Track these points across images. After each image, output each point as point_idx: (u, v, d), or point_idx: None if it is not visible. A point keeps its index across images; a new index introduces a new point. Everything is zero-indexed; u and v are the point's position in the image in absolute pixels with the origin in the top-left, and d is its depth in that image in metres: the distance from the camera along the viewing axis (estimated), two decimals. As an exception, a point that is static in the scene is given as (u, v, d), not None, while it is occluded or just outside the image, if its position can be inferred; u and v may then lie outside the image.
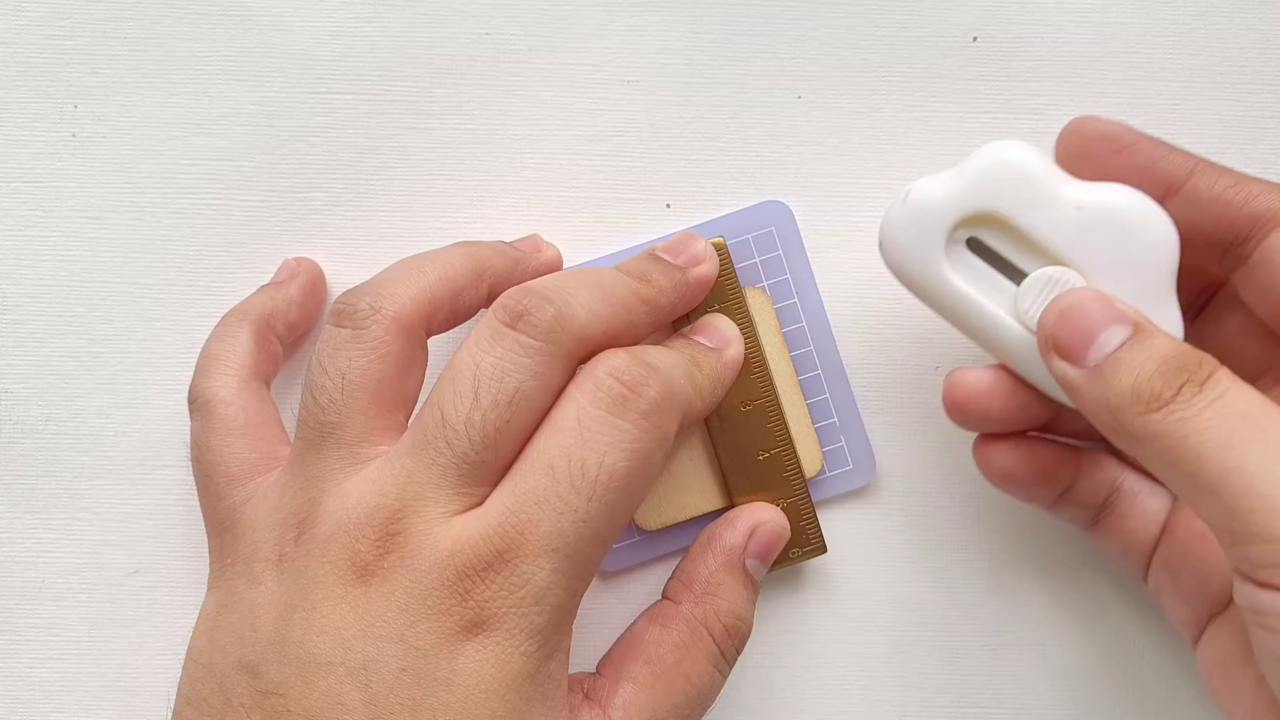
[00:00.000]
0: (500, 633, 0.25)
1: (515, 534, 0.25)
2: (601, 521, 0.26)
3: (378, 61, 0.34)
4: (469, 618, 0.25)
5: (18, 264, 0.34)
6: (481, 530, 0.25)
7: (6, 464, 0.34)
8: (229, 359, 0.31)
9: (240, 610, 0.27)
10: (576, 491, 0.25)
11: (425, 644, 0.25)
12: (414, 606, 0.25)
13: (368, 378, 0.27)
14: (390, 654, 0.25)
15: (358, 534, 0.25)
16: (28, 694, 0.34)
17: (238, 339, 0.31)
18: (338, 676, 0.25)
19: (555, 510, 0.25)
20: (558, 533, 0.25)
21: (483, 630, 0.25)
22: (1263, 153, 0.34)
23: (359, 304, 0.27)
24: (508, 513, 0.25)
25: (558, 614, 0.26)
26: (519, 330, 0.26)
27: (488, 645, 0.25)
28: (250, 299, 0.32)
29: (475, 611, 0.25)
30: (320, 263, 0.34)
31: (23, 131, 0.34)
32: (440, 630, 0.25)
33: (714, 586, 0.30)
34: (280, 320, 0.32)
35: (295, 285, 0.33)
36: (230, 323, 0.31)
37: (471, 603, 0.25)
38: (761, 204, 0.33)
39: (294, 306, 0.32)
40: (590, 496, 0.25)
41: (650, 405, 0.26)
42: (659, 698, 0.28)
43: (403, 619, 0.25)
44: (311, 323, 0.33)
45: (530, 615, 0.25)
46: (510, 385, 0.26)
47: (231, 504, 0.28)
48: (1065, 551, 0.34)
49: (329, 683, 0.25)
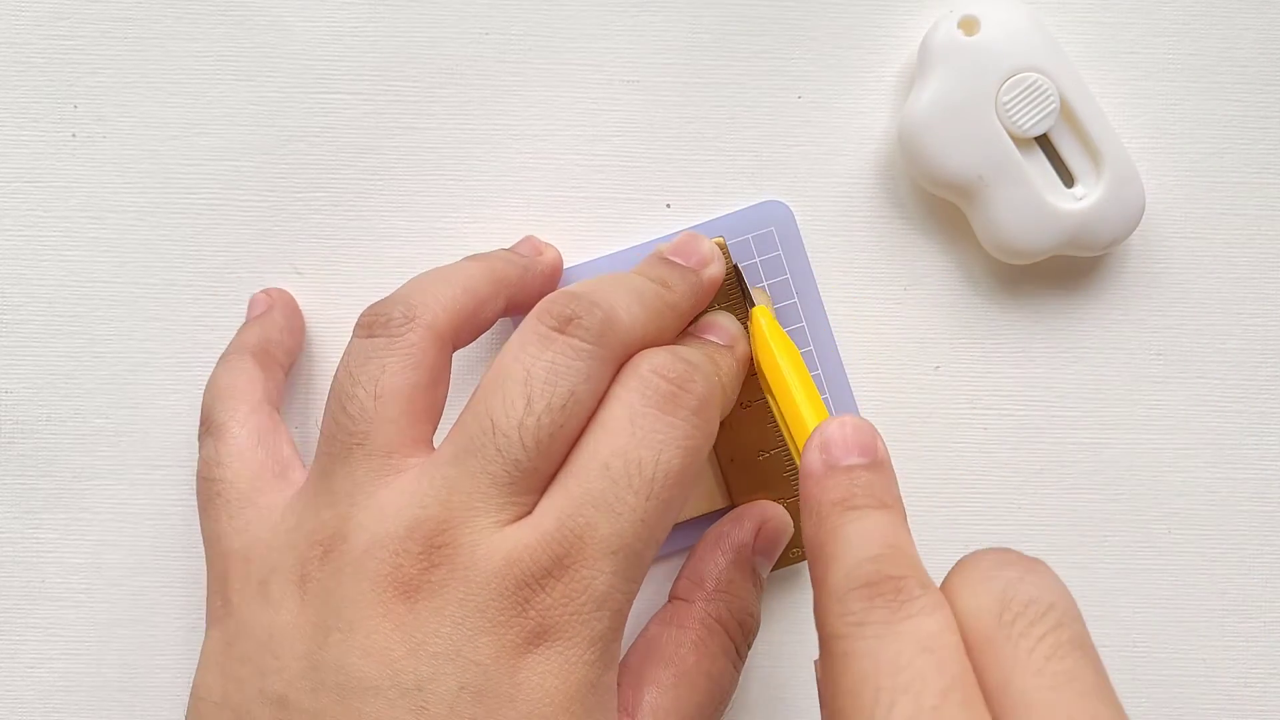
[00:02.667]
0: (563, 642, 0.24)
1: (574, 538, 0.24)
2: (657, 520, 0.25)
3: (378, 61, 0.34)
4: (530, 628, 0.24)
5: (18, 264, 0.34)
6: (538, 537, 0.24)
7: (6, 464, 0.34)
8: (239, 386, 0.30)
9: (256, 638, 0.25)
10: (634, 491, 0.25)
11: (485, 659, 0.24)
12: (470, 620, 0.24)
13: (402, 384, 0.26)
14: (446, 672, 0.24)
15: (399, 548, 0.24)
16: (28, 694, 0.34)
17: (244, 368, 0.31)
18: (387, 700, 0.24)
19: (614, 511, 0.25)
20: (617, 534, 0.25)
21: (545, 641, 0.24)
22: (1263, 153, 0.34)
23: (392, 313, 0.27)
24: (565, 516, 0.25)
25: (616, 619, 0.25)
26: (569, 334, 0.26)
27: (551, 656, 0.24)
28: (243, 334, 0.32)
29: (536, 622, 0.24)
30: (321, 263, 0.34)
31: (23, 131, 0.34)
32: (500, 643, 0.24)
33: (725, 584, 0.30)
34: (278, 347, 0.32)
35: (279, 313, 0.32)
36: (230, 358, 0.31)
37: (532, 613, 0.24)
38: (761, 204, 0.33)
39: (285, 333, 0.32)
40: (648, 495, 0.25)
41: (699, 401, 0.26)
42: (684, 699, 0.28)
43: (459, 634, 0.24)
44: (300, 347, 0.33)
45: (591, 622, 0.24)
46: (564, 389, 0.25)
47: (243, 522, 0.27)
48: (1065, 552, 0.34)
49: (377, 708, 0.24)
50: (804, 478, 0.24)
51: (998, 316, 0.34)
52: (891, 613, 0.21)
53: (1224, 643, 0.34)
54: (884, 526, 0.23)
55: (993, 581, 0.21)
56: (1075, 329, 0.34)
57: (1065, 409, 0.34)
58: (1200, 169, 0.34)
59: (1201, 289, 0.34)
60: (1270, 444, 0.34)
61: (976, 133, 0.31)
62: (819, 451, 0.24)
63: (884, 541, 0.22)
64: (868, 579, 0.21)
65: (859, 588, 0.21)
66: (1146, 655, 0.34)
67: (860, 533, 0.22)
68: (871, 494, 0.23)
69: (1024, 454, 0.34)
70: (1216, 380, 0.34)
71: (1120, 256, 0.34)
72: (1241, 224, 0.34)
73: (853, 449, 0.24)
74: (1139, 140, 0.34)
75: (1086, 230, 0.32)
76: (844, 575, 0.22)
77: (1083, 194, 0.32)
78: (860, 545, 0.22)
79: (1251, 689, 0.34)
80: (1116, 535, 0.34)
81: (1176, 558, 0.34)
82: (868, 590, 0.21)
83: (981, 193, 0.32)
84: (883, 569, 0.21)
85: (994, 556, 0.22)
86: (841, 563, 0.22)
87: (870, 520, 0.23)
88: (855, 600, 0.21)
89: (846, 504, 0.23)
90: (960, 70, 0.31)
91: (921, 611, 0.21)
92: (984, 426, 0.34)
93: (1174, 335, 0.34)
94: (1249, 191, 0.34)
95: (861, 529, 0.22)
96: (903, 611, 0.21)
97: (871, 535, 0.22)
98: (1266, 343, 0.34)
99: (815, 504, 0.23)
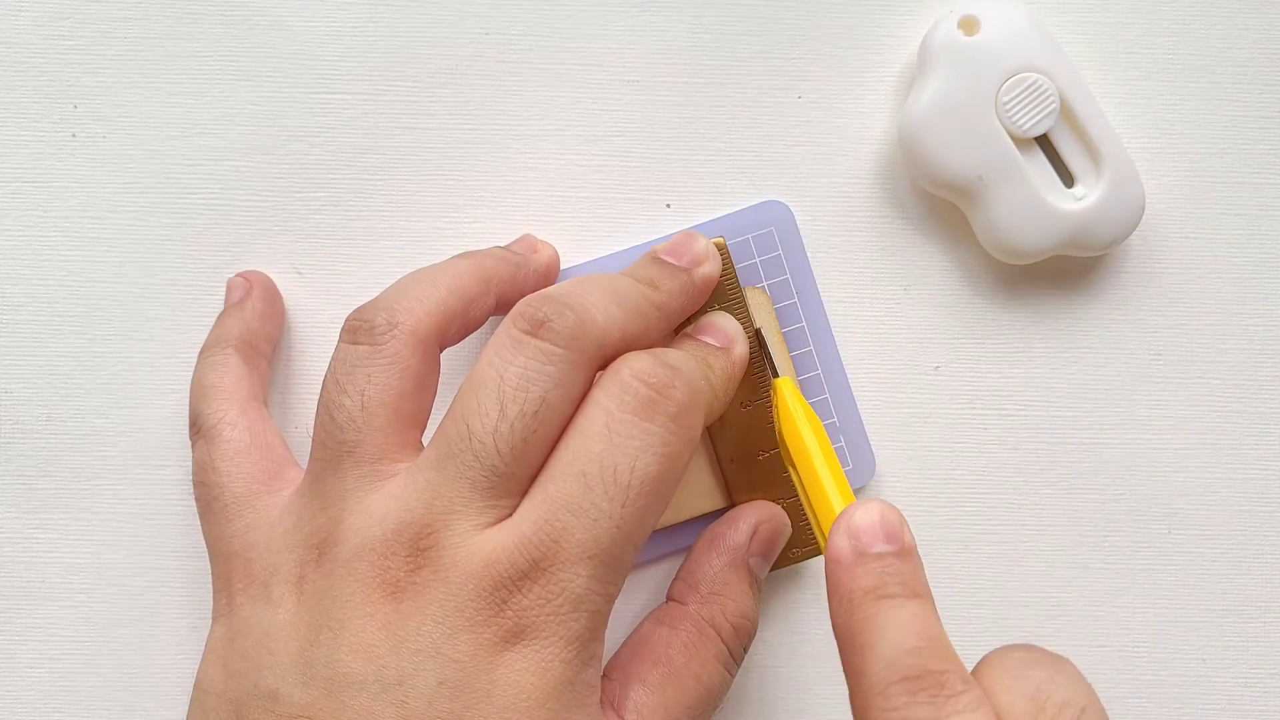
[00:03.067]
0: (539, 641, 0.25)
1: (550, 542, 0.25)
2: (634, 526, 0.25)
3: (378, 61, 0.34)
4: (507, 628, 0.25)
5: (18, 264, 0.34)
6: (516, 540, 0.25)
7: (6, 464, 0.34)
8: (224, 385, 0.30)
9: (256, 635, 0.26)
10: (609, 497, 0.25)
11: (463, 656, 0.24)
12: (450, 619, 0.25)
13: (387, 394, 0.27)
14: (426, 668, 0.24)
15: (386, 551, 0.25)
16: (28, 694, 0.34)
17: (228, 365, 0.31)
18: (370, 695, 0.24)
19: (589, 517, 0.25)
20: (592, 539, 0.25)
21: (521, 640, 0.25)
22: (1263, 153, 0.34)
23: (375, 319, 0.27)
24: (541, 521, 0.25)
25: (594, 620, 0.25)
26: (540, 337, 0.26)
27: (527, 654, 0.25)
28: (221, 325, 0.32)
29: (514, 621, 0.25)
30: (321, 263, 0.34)
31: (23, 131, 0.34)
32: (478, 642, 0.25)
33: (720, 586, 0.30)
34: (259, 336, 0.32)
35: (257, 299, 0.32)
36: (214, 352, 0.31)
37: (510, 613, 0.25)
38: (761, 204, 0.33)
39: (264, 320, 0.32)
40: (624, 502, 0.25)
41: (678, 407, 0.26)
42: (671, 699, 0.28)
43: (438, 632, 0.24)
44: (280, 331, 0.33)
45: (568, 623, 0.25)
46: (536, 395, 0.25)
47: (243, 525, 0.28)
48: (1065, 552, 0.34)
49: (361, 702, 0.24)
50: (831, 564, 0.24)
51: (998, 316, 0.34)
52: (936, 709, 0.21)
53: (1224, 643, 0.34)
54: (920, 617, 0.23)
55: (1024, 680, 0.22)
56: (1075, 329, 0.34)
57: (1065, 409, 0.34)
58: (1200, 169, 0.34)
59: (1201, 289, 0.34)
60: (1270, 444, 0.34)
61: (976, 133, 0.31)
62: (846, 538, 0.24)
63: (921, 632, 0.22)
64: (909, 672, 0.21)
65: (900, 681, 0.21)
66: (1146, 655, 0.34)
67: (896, 623, 0.22)
68: (903, 582, 0.23)
69: (1024, 454, 0.34)
70: (1216, 380, 0.34)
71: (1120, 256, 0.34)
72: (1241, 224, 0.34)
73: (880, 536, 0.24)
74: (1139, 140, 0.34)
75: (1086, 230, 0.32)
76: (884, 667, 0.22)
77: (1083, 194, 0.32)
78: (898, 636, 0.22)
79: (1251, 689, 0.34)
80: (1116, 535, 0.34)
81: (1176, 558, 0.34)
82: (910, 684, 0.21)
83: (981, 193, 0.32)
84: (924, 662, 0.22)
85: (1022, 654, 0.23)
86: (879, 653, 0.22)
87: (905, 610, 0.23)
88: (898, 694, 0.21)
89: (879, 592, 0.23)
90: (960, 70, 0.31)
91: (966, 709, 0.21)
92: (984, 426, 0.34)
93: (1174, 335, 0.34)
94: (1249, 191, 0.34)
95: (897, 619, 0.23)
96: (948, 708, 0.21)
97: (908, 625, 0.22)
98: (1266, 343, 0.34)
99: (846, 592, 0.23)
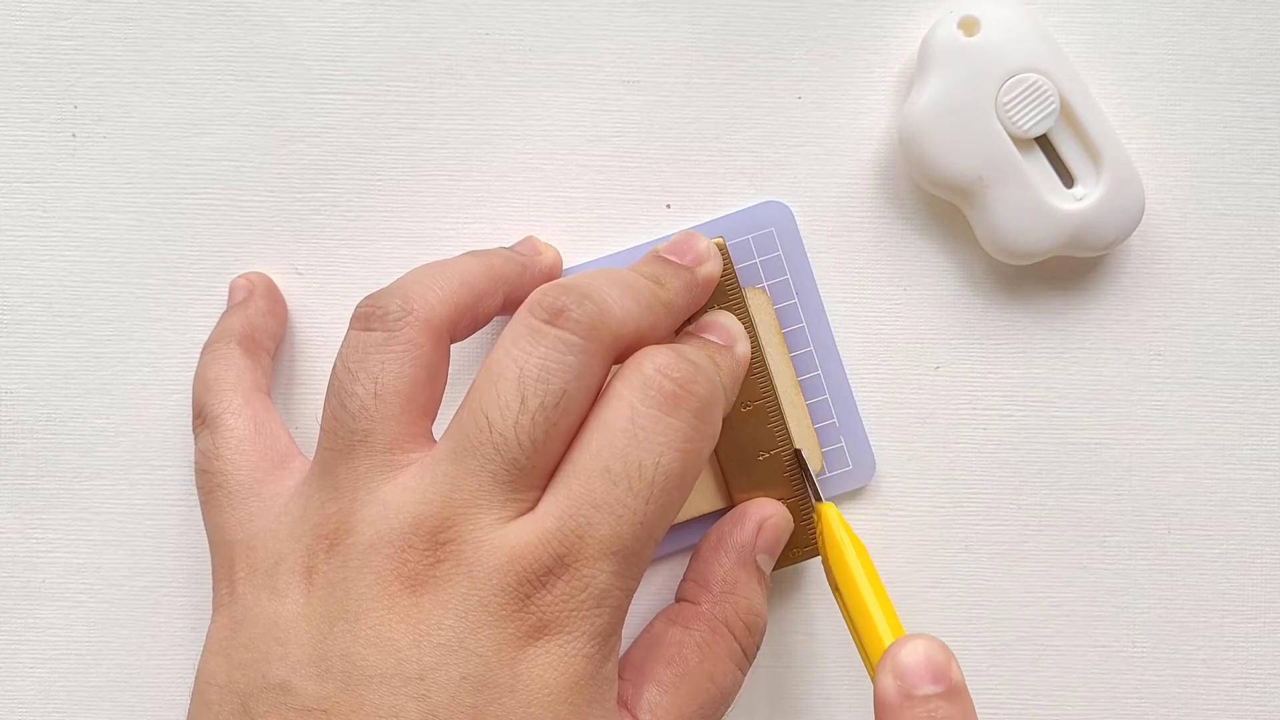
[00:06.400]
0: (563, 636, 0.25)
1: (574, 538, 0.25)
2: (656, 521, 0.25)
3: (378, 61, 0.34)
4: (531, 623, 0.25)
5: (18, 264, 0.34)
6: (540, 535, 0.25)
7: (6, 464, 0.34)
8: (228, 377, 0.30)
9: (261, 626, 0.26)
10: (634, 493, 0.25)
11: (486, 650, 0.24)
12: (474, 613, 0.24)
13: (401, 382, 0.26)
14: (449, 662, 0.24)
15: (403, 543, 0.25)
16: (28, 694, 0.34)
17: (231, 358, 0.31)
18: (391, 688, 0.24)
19: (613, 513, 0.25)
20: (616, 535, 0.25)
21: (545, 635, 0.25)
22: (1263, 153, 0.34)
23: (389, 306, 0.27)
24: (565, 516, 0.25)
25: (615, 615, 0.25)
26: (560, 327, 0.26)
27: (551, 649, 0.25)
28: (225, 322, 0.32)
29: (538, 617, 0.25)
30: (321, 263, 0.34)
31: (23, 131, 0.34)
32: (502, 636, 0.24)
33: (731, 585, 0.30)
34: (262, 333, 0.32)
35: (260, 298, 0.32)
36: (217, 346, 0.31)
37: (534, 608, 0.25)
38: (761, 204, 0.33)
39: (268, 317, 0.32)
40: (647, 498, 0.25)
41: (700, 403, 0.26)
42: (685, 699, 0.28)
43: (462, 626, 0.24)
44: (283, 330, 0.33)
45: (591, 618, 0.25)
46: (556, 387, 0.25)
47: (246, 514, 0.28)
48: (1065, 552, 0.34)
49: (381, 695, 0.24)
50: (879, 706, 0.24)
51: (998, 316, 0.34)
52: None
53: (1224, 643, 0.34)
54: None
55: None
56: (1075, 329, 0.34)
57: (1065, 409, 0.34)
58: (1200, 169, 0.34)
59: (1201, 289, 0.34)
60: (1270, 444, 0.34)
61: (976, 133, 0.31)
62: (893, 678, 0.24)
63: None
64: None
65: None
66: (1146, 655, 0.34)
67: None
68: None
69: (1024, 454, 0.34)
70: (1216, 380, 0.34)
71: (1120, 256, 0.34)
72: (1241, 224, 0.34)
73: (927, 676, 0.24)
74: (1139, 140, 0.34)
75: (1086, 230, 0.32)
76: None
77: (1083, 194, 0.32)
78: None
79: (1251, 689, 0.34)
80: (1116, 535, 0.34)
81: (1176, 558, 0.34)
82: None
83: (981, 193, 0.32)
84: None
85: None
86: None
87: None
88: None
89: None
90: (960, 71, 0.31)
91: None
92: (984, 426, 0.34)
93: (1174, 335, 0.34)
94: (1249, 191, 0.34)
95: None
96: None
97: None
98: (1266, 343, 0.34)
99: None
